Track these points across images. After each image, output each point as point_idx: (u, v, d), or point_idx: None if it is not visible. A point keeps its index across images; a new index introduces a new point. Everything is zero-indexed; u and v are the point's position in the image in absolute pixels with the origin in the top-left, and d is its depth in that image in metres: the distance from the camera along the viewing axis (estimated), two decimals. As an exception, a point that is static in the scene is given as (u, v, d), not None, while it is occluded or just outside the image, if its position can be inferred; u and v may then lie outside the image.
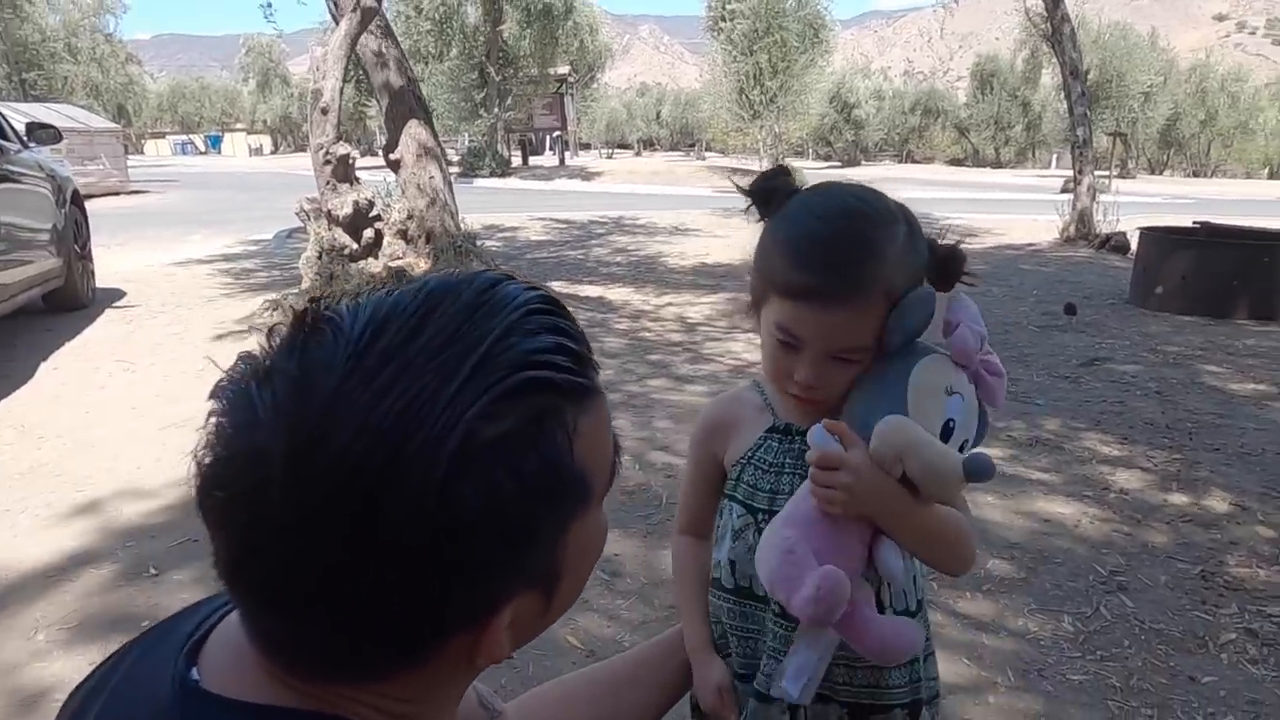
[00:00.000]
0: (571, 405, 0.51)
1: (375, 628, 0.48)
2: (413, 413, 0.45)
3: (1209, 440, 3.37)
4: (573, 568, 0.55)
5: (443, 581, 0.47)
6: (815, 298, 0.83)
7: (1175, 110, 36.12)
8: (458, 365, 0.47)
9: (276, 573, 0.46)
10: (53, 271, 5.15)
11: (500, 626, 0.51)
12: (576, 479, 0.52)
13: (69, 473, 2.97)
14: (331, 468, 0.44)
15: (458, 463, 0.45)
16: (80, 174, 10.00)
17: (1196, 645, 2.02)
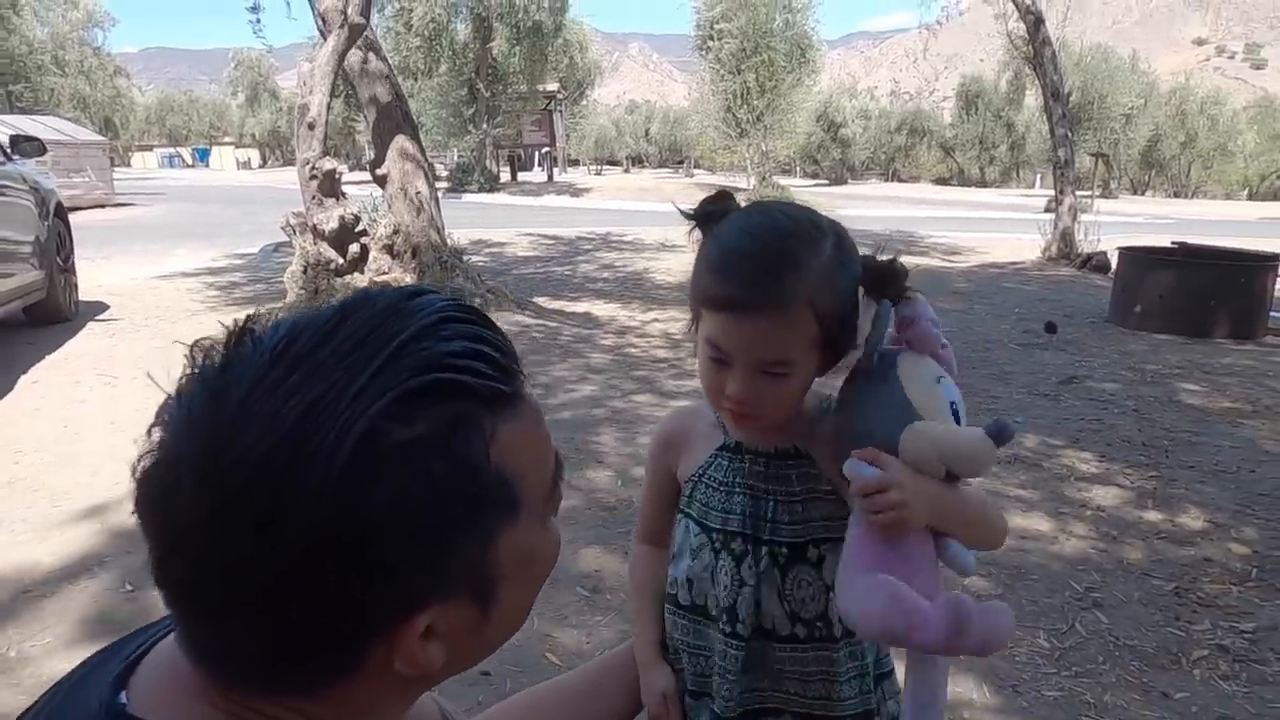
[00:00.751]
0: (489, 412, 0.51)
1: (289, 632, 0.48)
2: (316, 412, 0.46)
3: (1184, 458, 3.41)
4: (512, 579, 0.55)
5: (348, 582, 0.47)
6: (737, 309, 0.84)
7: (1156, 132, 36.70)
8: (364, 366, 0.47)
9: (193, 574, 0.48)
10: (35, 284, 5.12)
11: (414, 634, 0.50)
12: (497, 486, 0.51)
13: (47, 487, 2.95)
14: (235, 467, 0.45)
15: (359, 461, 0.45)
16: (66, 186, 9.96)
17: (1170, 661, 2.04)
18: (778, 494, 0.93)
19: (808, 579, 0.92)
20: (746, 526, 0.93)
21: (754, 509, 0.93)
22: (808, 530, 0.93)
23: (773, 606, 0.92)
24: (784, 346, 0.85)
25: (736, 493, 0.94)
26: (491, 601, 0.54)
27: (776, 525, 0.92)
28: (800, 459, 0.94)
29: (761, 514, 0.93)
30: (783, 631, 0.93)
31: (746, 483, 0.94)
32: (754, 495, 0.94)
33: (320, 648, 0.49)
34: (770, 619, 0.93)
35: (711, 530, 0.95)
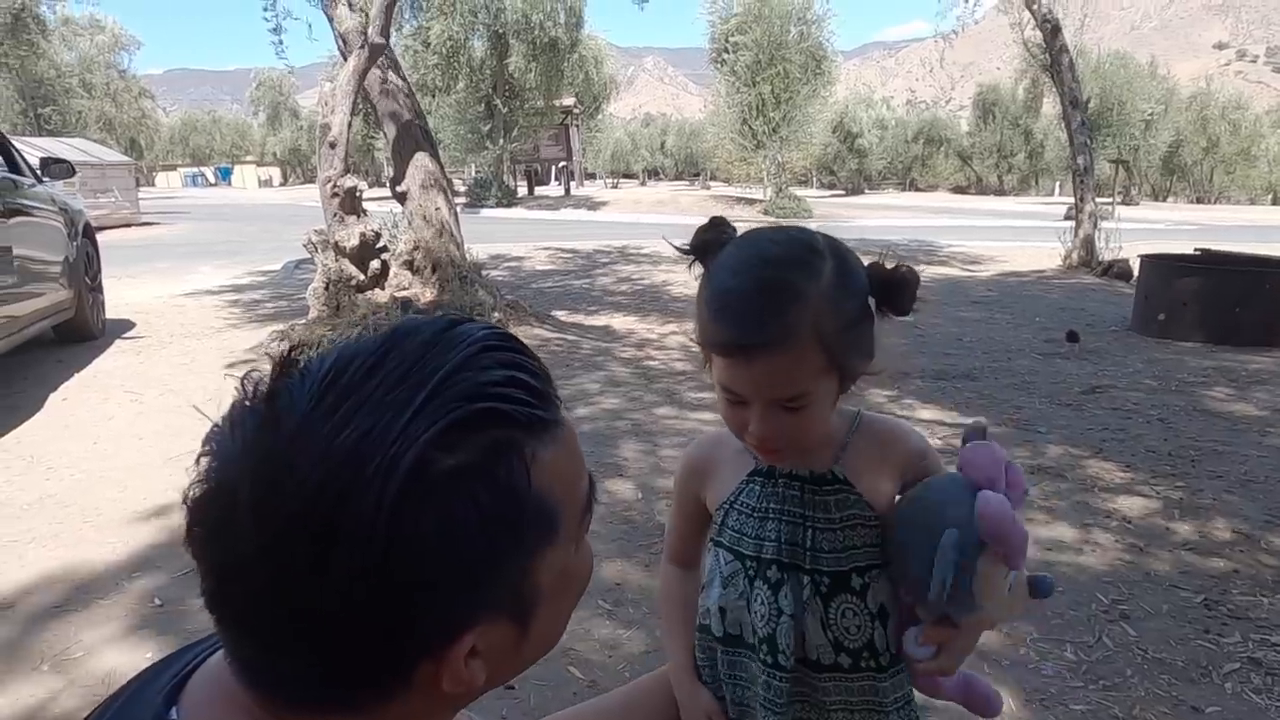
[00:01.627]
0: (529, 437, 0.53)
1: (339, 653, 0.49)
2: (368, 442, 0.48)
3: (1212, 468, 3.36)
4: (550, 598, 0.57)
5: (400, 606, 0.48)
6: (741, 353, 0.82)
7: (1177, 137, 36.34)
8: (411, 397, 0.49)
9: (248, 600, 0.49)
10: (64, 303, 5.22)
11: (461, 653, 0.52)
12: (538, 509, 0.53)
13: (77, 503, 3.00)
14: (292, 495, 0.47)
15: (410, 489, 0.47)
16: (93, 206, 10.14)
17: (1200, 675, 2.01)
18: (816, 521, 0.91)
19: (853, 608, 0.90)
20: (783, 554, 0.91)
21: (790, 536, 0.91)
22: (850, 558, 0.90)
23: (816, 636, 0.90)
24: (795, 381, 0.83)
25: (771, 519, 0.92)
26: (531, 620, 0.56)
27: (817, 554, 0.90)
28: (838, 484, 0.91)
29: (799, 541, 0.91)
30: (826, 661, 0.91)
31: (782, 508, 0.92)
32: (790, 522, 0.91)
33: (370, 670, 0.51)
34: (815, 650, 0.91)
35: (745, 558, 0.93)
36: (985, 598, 0.83)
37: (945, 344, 5.76)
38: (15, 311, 4.40)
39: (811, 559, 0.91)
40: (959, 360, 5.27)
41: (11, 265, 4.36)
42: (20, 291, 4.48)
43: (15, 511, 2.93)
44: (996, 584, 0.82)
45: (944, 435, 3.78)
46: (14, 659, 2.05)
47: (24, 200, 4.80)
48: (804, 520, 0.91)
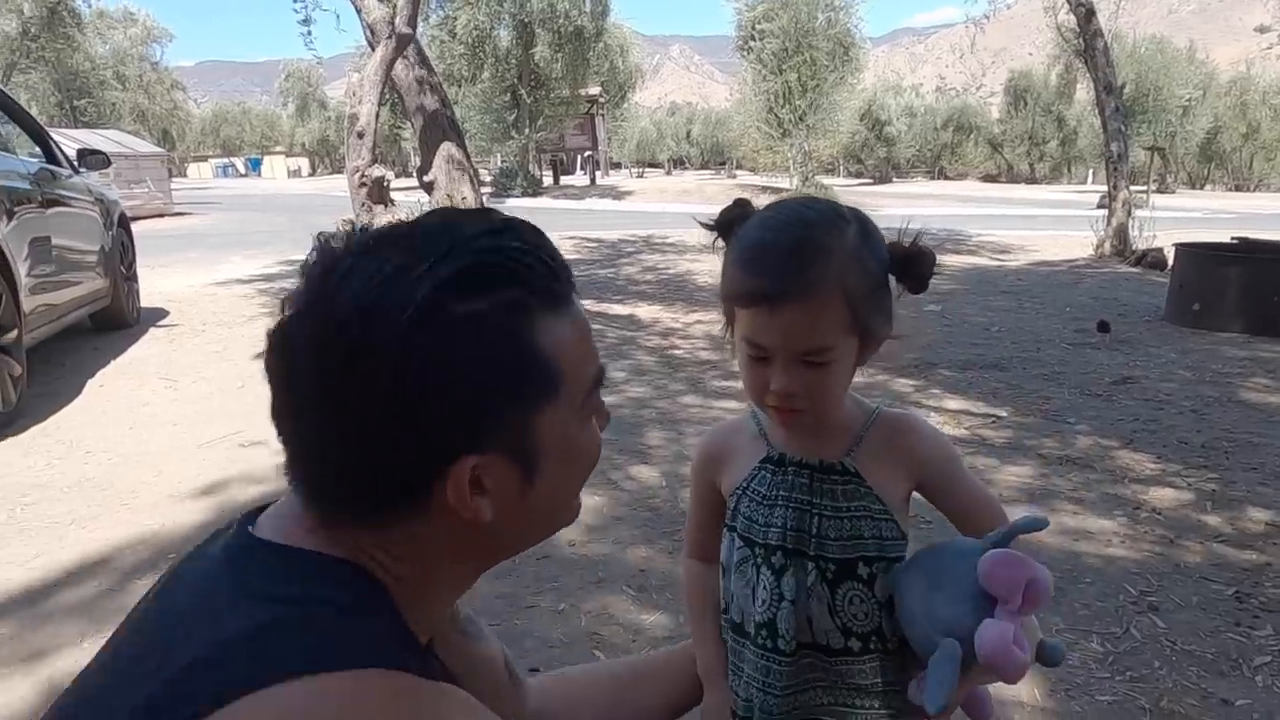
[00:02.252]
0: (538, 303, 0.62)
1: (361, 461, 0.59)
2: (397, 275, 0.58)
3: (1246, 459, 3.31)
4: (553, 459, 0.64)
5: (409, 419, 0.57)
6: (767, 300, 0.84)
7: (1216, 124, 35.46)
8: (436, 248, 0.60)
9: (296, 406, 0.61)
10: (100, 292, 5.33)
11: (464, 476, 0.59)
12: (539, 364, 0.62)
13: (115, 486, 3.08)
14: (336, 311, 0.58)
15: (423, 317, 0.57)
16: (127, 197, 10.31)
17: (1230, 667, 1.99)
18: (823, 509, 0.91)
19: (859, 595, 0.91)
20: (788, 540, 0.92)
21: (797, 523, 0.91)
22: (857, 548, 0.91)
23: (824, 621, 0.91)
24: (820, 332, 0.84)
25: (779, 506, 0.93)
26: (534, 473, 0.64)
27: (823, 541, 0.91)
28: (848, 475, 0.92)
29: (805, 528, 0.91)
30: (836, 646, 0.91)
31: (790, 495, 0.92)
32: (797, 509, 0.92)
33: (387, 483, 0.60)
34: (824, 634, 0.91)
35: (755, 544, 0.94)
36: (976, 684, 0.86)
37: (973, 334, 5.70)
38: (54, 300, 4.51)
39: (817, 545, 0.91)
40: (987, 350, 5.21)
41: (50, 254, 4.46)
42: (59, 280, 4.59)
43: (56, 494, 3.01)
44: (991, 680, 0.84)
45: (970, 425, 3.75)
46: (57, 635, 2.11)
47: (62, 191, 4.90)
48: (810, 508, 0.91)
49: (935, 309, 6.58)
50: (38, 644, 2.07)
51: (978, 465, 3.25)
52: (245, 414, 3.89)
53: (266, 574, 0.60)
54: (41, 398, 4.08)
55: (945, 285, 7.87)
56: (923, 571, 0.87)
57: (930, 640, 0.82)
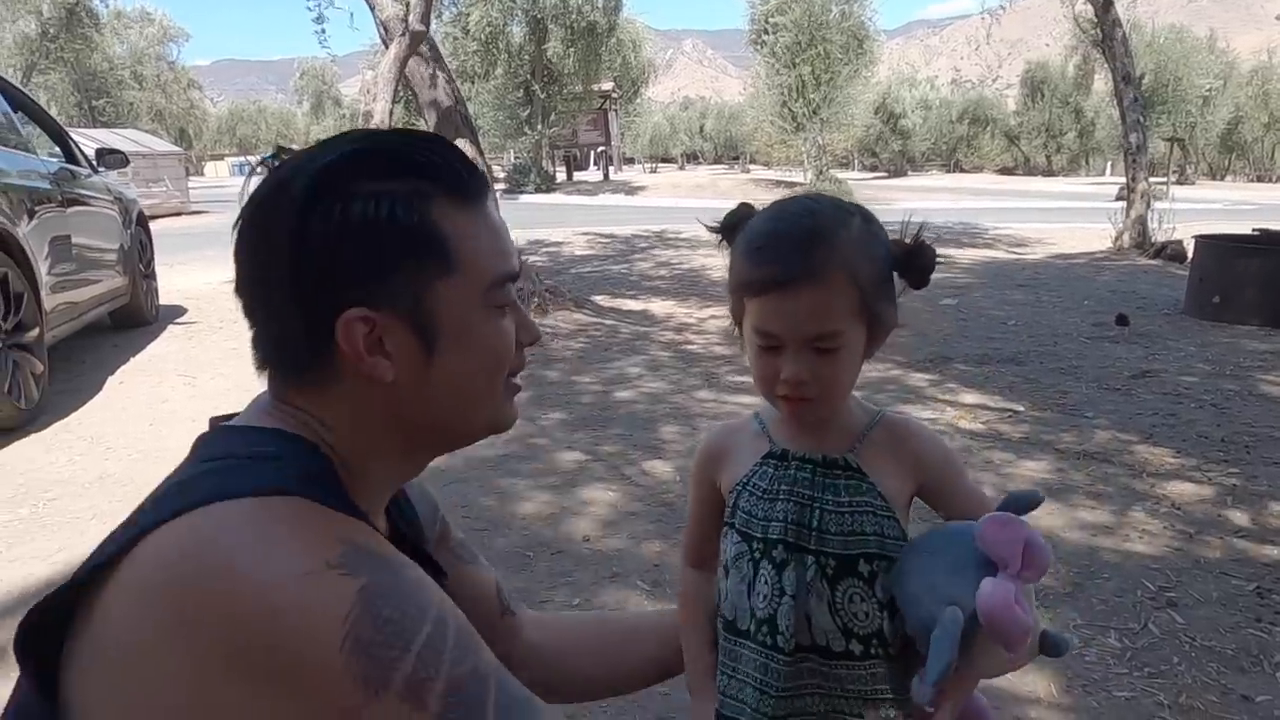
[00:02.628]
0: (438, 191, 0.69)
1: (277, 321, 0.69)
2: (303, 162, 0.68)
3: (1268, 454, 3.27)
4: (453, 337, 0.70)
5: (308, 277, 0.65)
6: (778, 286, 0.85)
7: (1237, 114, 34.94)
8: (352, 141, 0.70)
9: (237, 280, 0.71)
10: (119, 290, 5.39)
11: (354, 329, 0.66)
12: (432, 240, 0.68)
13: (135, 481, 3.11)
14: (260, 193, 0.69)
15: (318, 189, 0.65)
16: (145, 196, 10.41)
17: (1250, 663, 1.97)
18: (825, 503, 0.90)
19: (860, 593, 0.89)
20: (789, 534, 0.90)
21: (798, 517, 0.90)
22: (859, 544, 0.89)
23: (824, 620, 0.89)
24: (830, 317, 0.85)
25: (780, 500, 0.92)
26: (433, 346, 0.69)
27: (824, 535, 0.90)
28: (850, 470, 0.91)
29: (806, 522, 0.90)
30: (837, 648, 0.90)
31: (792, 490, 0.91)
32: (798, 503, 0.91)
33: (296, 332, 0.67)
34: (824, 634, 0.90)
35: (753, 539, 0.93)
36: (986, 667, 0.83)
37: (990, 327, 5.66)
38: (75, 298, 4.56)
39: (817, 540, 0.90)
40: (1004, 344, 5.18)
41: (71, 253, 4.51)
42: (79, 278, 4.64)
43: (78, 489, 3.05)
44: (997, 658, 0.82)
45: (987, 420, 3.73)
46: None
47: (81, 190, 4.95)
48: (812, 502, 0.91)
49: (951, 303, 6.54)
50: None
51: (994, 460, 3.23)
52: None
53: (211, 444, 0.68)
54: (63, 394, 4.13)
55: (961, 279, 7.81)
56: (921, 552, 0.87)
57: (933, 618, 0.81)
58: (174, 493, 0.61)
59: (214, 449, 0.67)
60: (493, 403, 0.76)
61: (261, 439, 0.67)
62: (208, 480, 0.61)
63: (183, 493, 0.60)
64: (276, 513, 0.59)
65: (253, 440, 0.67)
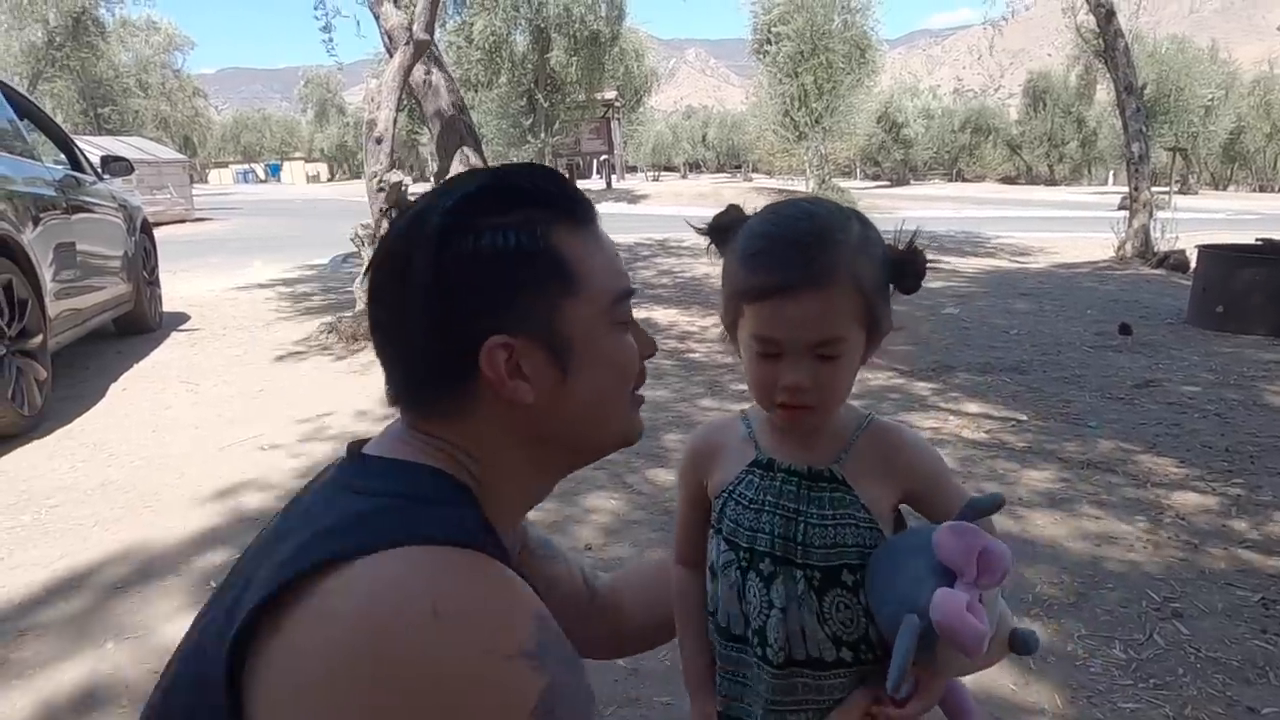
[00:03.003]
0: (554, 217, 0.73)
1: (419, 355, 0.72)
2: (430, 203, 0.72)
3: (1272, 464, 3.26)
4: (583, 355, 0.73)
5: (448, 311, 0.69)
6: (780, 291, 0.83)
7: (1239, 124, 34.99)
8: (474, 179, 0.74)
9: (374, 316, 0.74)
10: (123, 297, 5.40)
11: (497, 355, 0.69)
12: (555, 263, 0.72)
13: (138, 489, 3.11)
14: (394, 233, 0.74)
15: (449, 227, 0.70)
16: (149, 203, 10.45)
17: (1256, 675, 1.96)
18: (809, 516, 0.89)
19: (845, 601, 0.89)
20: (776, 548, 0.90)
21: (784, 530, 0.90)
22: (841, 555, 0.89)
23: (815, 631, 0.89)
24: (833, 322, 0.84)
25: (766, 511, 0.91)
26: (567, 365, 0.73)
27: (808, 549, 0.89)
28: (835, 482, 0.90)
29: (792, 536, 0.89)
30: (829, 658, 0.89)
31: (777, 502, 0.91)
32: (784, 516, 0.90)
33: (438, 365, 0.71)
34: (817, 646, 0.89)
35: (740, 549, 0.92)
36: (953, 667, 0.84)
37: (992, 337, 5.65)
38: (79, 305, 4.57)
39: (803, 553, 0.89)
40: (1006, 353, 5.17)
41: (75, 260, 4.52)
42: (83, 285, 4.65)
43: (80, 496, 3.05)
44: (959, 662, 0.83)
45: (990, 429, 3.72)
46: (79, 636, 2.14)
47: (86, 197, 4.97)
48: (797, 515, 0.90)
49: (954, 311, 6.53)
50: (62, 645, 2.10)
51: (998, 469, 3.22)
52: (265, 417, 3.92)
53: (365, 476, 0.71)
54: (66, 401, 4.14)
55: (964, 288, 7.81)
56: (887, 555, 0.87)
57: (897, 624, 0.82)
58: (354, 525, 0.64)
59: (372, 482, 0.70)
60: (622, 416, 0.80)
61: (418, 478, 0.70)
62: (391, 519, 0.64)
63: (368, 528, 0.63)
64: (473, 572, 0.63)
65: (410, 478, 0.70)
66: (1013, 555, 0.81)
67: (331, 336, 5.43)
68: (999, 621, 0.83)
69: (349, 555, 0.60)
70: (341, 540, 0.62)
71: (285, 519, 0.73)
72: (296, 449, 3.47)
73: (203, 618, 0.71)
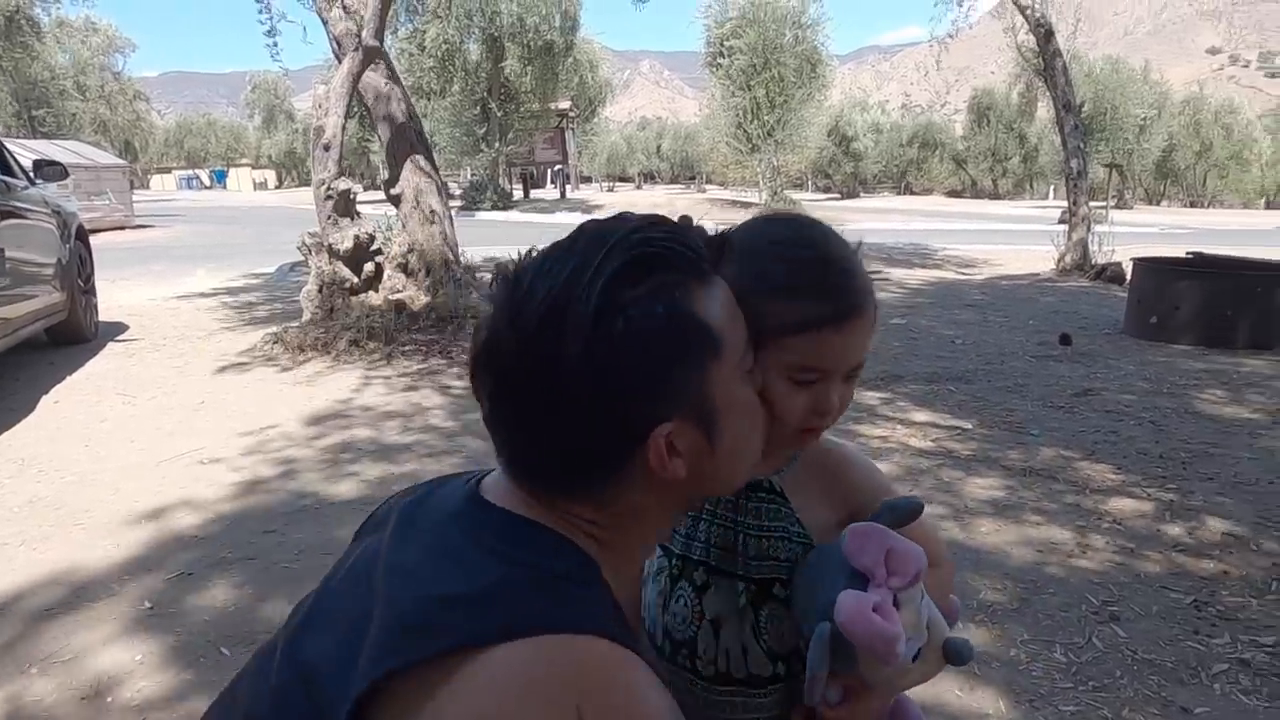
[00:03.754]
0: (689, 279, 0.70)
1: (574, 445, 0.69)
2: (576, 276, 0.67)
3: (1203, 470, 3.38)
4: (726, 415, 0.72)
5: (608, 403, 0.67)
6: (849, 316, 0.80)
7: (1170, 142, 36.43)
8: (600, 249, 0.68)
9: (509, 402, 0.70)
10: (56, 305, 5.21)
11: (658, 445, 0.68)
12: (700, 328, 0.69)
13: (68, 505, 2.99)
14: (532, 316, 0.67)
15: (602, 312, 0.66)
16: (87, 209, 10.12)
17: (1189, 675, 2.02)
18: (747, 527, 0.88)
19: (778, 615, 0.88)
20: (712, 558, 0.88)
21: (721, 540, 0.88)
22: (773, 568, 0.88)
23: (752, 645, 0.88)
24: (870, 339, 0.84)
25: (703, 519, 0.90)
26: (714, 431, 0.71)
27: (748, 560, 0.88)
28: (772, 494, 0.89)
29: (730, 546, 0.88)
30: (764, 673, 0.88)
31: (714, 510, 0.89)
32: (721, 525, 0.89)
33: (595, 456, 0.69)
34: (755, 662, 0.88)
35: (672, 554, 0.91)
36: (876, 677, 0.82)
37: (939, 346, 5.77)
38: (8, 314, 4.39)
39: (743, 565, 0.88)
40: (952, 363, 5.28)
41: (4, 267, 4.35)
42: (13, 294, 4.47)
43: (5, 514, 2.92)
44: (885, 671, 0.81)
45: (937, 438, 3.79)
46: (2, 662, 2.04)
47: (16, 203, 4.78)
48: (735, 525, 0.89)
49: (901, 322, 6.65)
50: (-17, 671, 2.00)
51: (944, 477, 3.28)
52: (205, 430, 3.81)
53: (493, 530, 0.69)
54: (-7, 415, 3.97)
55: (911, 299, 7.97)
56: (810, 566, 0.86)
57: (813, 632, 0.81)
58: (489, 599, 0.64)
59: (501, 542, 0.68)
60: (755, 455, 0.79)
61: (547, 545, 0.69)
62: (527, 598, 0.64)
63: (503, 605, 0.63)
64: (613, 670, 0.63)
65: (539, 544, 0.69)
66: (925, 556, 0.79)
67: (277, 347, 5.31)
68: (931, 630, 0.82)
69: (490, 640, 0.61)
70: (482, 620, 0.62)
71: (401, 544, 0.72)
72: (238, 463, 3.37)
73: (309, 628, 0.71)
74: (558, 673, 0.61)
